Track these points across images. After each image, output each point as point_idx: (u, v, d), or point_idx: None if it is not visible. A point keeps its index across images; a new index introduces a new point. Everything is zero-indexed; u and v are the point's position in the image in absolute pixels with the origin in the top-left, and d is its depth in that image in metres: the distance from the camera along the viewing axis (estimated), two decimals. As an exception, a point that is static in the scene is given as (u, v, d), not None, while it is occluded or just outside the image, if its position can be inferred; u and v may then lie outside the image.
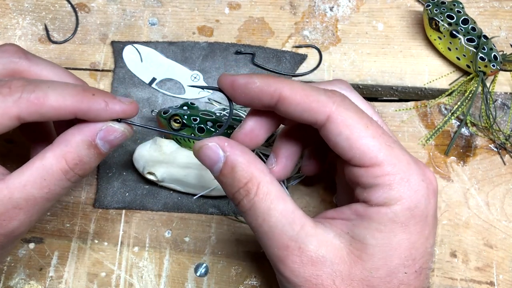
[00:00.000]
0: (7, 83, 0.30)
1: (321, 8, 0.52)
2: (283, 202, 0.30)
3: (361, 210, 0.30)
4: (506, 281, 0.42)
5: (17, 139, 0.47)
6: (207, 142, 0.31)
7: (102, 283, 0.43)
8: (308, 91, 0.31)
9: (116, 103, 0.32)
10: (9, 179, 0.30)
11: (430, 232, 0.30)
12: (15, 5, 0.53)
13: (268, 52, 0.50)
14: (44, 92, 0.30)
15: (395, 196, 0.29)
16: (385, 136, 0.30)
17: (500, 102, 0.48)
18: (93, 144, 0.31)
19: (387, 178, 0.29)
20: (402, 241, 0.29)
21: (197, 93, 0.48)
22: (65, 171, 0.31)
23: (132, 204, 0.45)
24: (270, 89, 0.31)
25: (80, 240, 0.44)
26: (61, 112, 0.30)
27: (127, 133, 0.33)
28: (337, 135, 0.30)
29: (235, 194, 0.31)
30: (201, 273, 0.43)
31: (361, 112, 0.31)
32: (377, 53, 0.50)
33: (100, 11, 0.52)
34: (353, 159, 0.30)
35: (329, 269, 0.29)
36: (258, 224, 0.30)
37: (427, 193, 0.30)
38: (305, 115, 0.31)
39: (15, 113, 0.30)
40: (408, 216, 0.29)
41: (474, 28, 0.47)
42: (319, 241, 0.29)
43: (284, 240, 0.29)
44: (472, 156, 0.46)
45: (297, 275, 0.29)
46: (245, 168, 0.30)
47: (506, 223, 0.44)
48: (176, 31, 0.51)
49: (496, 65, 0.45)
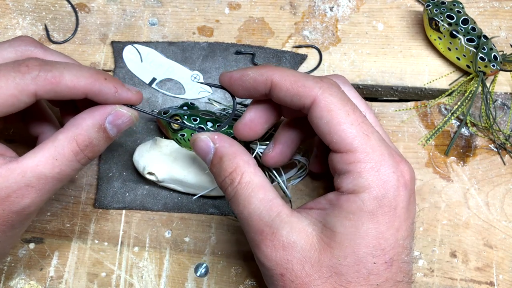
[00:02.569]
0: (24, 61, 0.32)
1: (321, 8, 0.52)
2: (264, 191, 0.32)
3: (334, 198, 0.32)
4: (506, 281, 0.42)
5: (17, 139, 0.47)
6: (200, 135, 0.34)
7: (102, 283, 0.43)
8: (297, 77, 0.33)
9: (124, 90, 0.34)
10: (23, 159, 0.32)
11: (401, 224, 0.31)
12: (15, 5, 0.53)
13: (268, 52, 0.50)
14: (60, 71, 0.32)
15: (363, 184, 0.30)
16: (364, 125, 0.31)
17: (500, 102, 0.48)
18: (103, 127, 0.34)
19: (358, 166, 0.30)
20: (369, 230, 0.30)
21: (197, 93, 0.48)
22: (75, 152, 0.33)
23: (132, 204, 0.45)
24: (262, 78, 0.33)
25: (80, 240, 0.44)
26: (74, 92, 0.33)
27: (133, 118, 0.35)
28: (319, 119, 0.31)
29: (222, 182, 0.33)
30: (201, 273, 0.43)
31: (346, 100, 0.32)
32: (377, 53, 0.50)
33: (100, 11, 0.52)
34: (331, 143, 0.31)
35: (299, 255, 0.30)
36: (240, 210, 0.32)
37: (397, 185, 0.30)
38: (294, 100, 0.32)
39: (33, 90, 0.32)
40: (375, 206, 0.30)
41: (474, 28, 0.47)
42: (292, 227, 0.31)
43: (260, 225, 0.31)
44: (472, 156, 0.46)
45: (270, 259, 0.31)
46: (231, 159, 0.33)
47: (506, 223, 0.44)
48: (176, 31, 0.51)
49: (496, 65, 0.45)
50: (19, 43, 0.36)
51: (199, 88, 0.48)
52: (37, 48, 0.37)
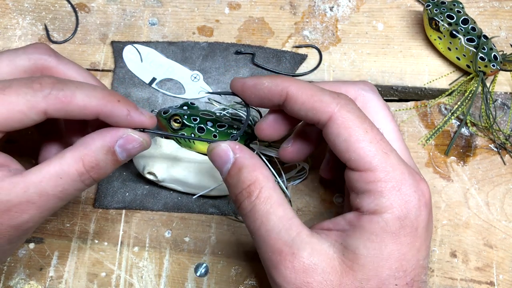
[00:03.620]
0: (38, 79, 0.32)
1: (321, 8, 0.52)
2: (283, 208, 0.31)
3: (354, 219, 0.31)
4: (506, 281, 0.42)
5: (17, 139, 0.47)
6: (220, 143, 0.33)
7: (102, 283, 0.43)
8: (314, 91, 0.32)
9: (137, 113, 0.33)
10: (27, 174, 0.31)
11: (422, 244, 0.30)
12: (15, 5, 0.53)
13: (268, 52, 0.50)
14: (72, 91, 0.31)
15: (385, 204, 0.29)
16: (383, 143, 0.31)
17: (500, 102, 0.48)
18: (112, 150, 0.32)
19: (379, 185, 0.30)
20: (392, 252, 0.29)
21: (197, 93, 0.48)
22: (80, 173, 0.32)
23: (132, 204, 0.45)
24: (277, 89, 0.32)
25: (80, 240, 0.44)
26: (85, 112, 0.32)
27: (145, 144, 0.34)
28: (336, 136, 0.31)
29: (238, 195, 0.32)
30: (201, 273, 0.43)
31: (363, 117, 0.31)
32: (377, 53, 0.50)
33: (100, 11, 0.52)
34: (349, 161, 0.31)
35: (320, 277, 0.29)
36: (256, 226, 0.31)
37: (418, 205, 0.30)
38: (309, 114, 0.32)
39: (43, 108, 0.31)
40: (398, 226, 0.29)
41: (474, 28, 0.47)
42: (312, 249, 0.30)
43: (279, 245, 0.30)
44: (472, 156, 0.46)
45: (288, 282, 0.29)
46: (250, 171, 0.31)
47: (506, 223, 0.44)
48: (176, 31, 0.51)
49: (496, 65, 0.45)
50: (33, 51, 0.36)
51: (199, 88, 0.48)
52: (51, 57, 0.36)
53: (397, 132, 0.35)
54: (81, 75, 0.37)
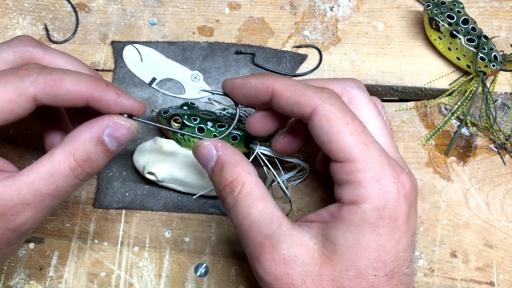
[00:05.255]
0: (23, 66, 0.32)
1: (321, 8, 0.52)
2: (264, 202, 0.31)
3: (335, 210, 0.31)
4: (506, 281, 0.42)
5: (17, 139, 0.47)
6: (204, 141, 0.34)
7: (102, 283, 0.43)
8: (298, 86, 0.32)
9: (126, 98, 0.33)
10: (19, 176, 0.30)
11: (402, 236, 0.30)
12: (15, 5, 0.53)
13: (268, 52, 0.50)
14: (60, 75, 0.31)
15: (364, 194, 0.30)
16: (364, 135, 0.31)
17: (500, 102, 0.48)
18: (101, 140, 0.32)
19: (358, 175, 0.30)
20: (370, 242, 0.29)
21: (197, 93, 0.48)
22: (73, 168, 0.31)
23: (132, 204, 0.45)
24: (263, 87, 0.33)
25: (80, 240, 0.44)
26: (75, 96, 0.32)
27: (133, 130, 0.34)
28: (318, 128, 0.31)
29: (222, 191, 0.33)
30: (201, 273, 0.43)
31: (345, 110, 0.32)
32: (377, 53, 0.50)
33: (100, 11, 0.52)
34: (331, 153, 0.31)
35: (300, 269, 0.30)
36: (239, 221, 0.32)
37: (397, 196, 0.30)
38: (294, 109, 0.32)
39: (32, 94, 0.31)
40: (376, 217, 0.30)
41: (474, 28, 0.47)
42: (293, 241, 0.30)
43: (260, 238, 0.31)
44: (472, 156, 0.46)
45: (269, 273, 0.30)
46: (233, 168, 0.32)
47: (506, 223, 0.44)
48: (176, 31, 0.51)
49: (496, 65, 0.45)
50: (17, 43, 0.35)
51: (199, 88, 0.48)
52: (36, 48, 0.36)
53: (383, 127, 0.35)
54: (71, 63, 0.37)
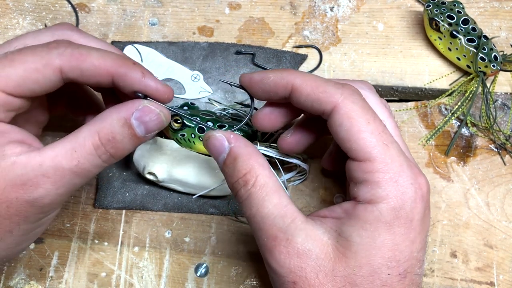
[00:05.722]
0: (56, 40, 0.32)
1: (321, 8, 0.52)
2: (278, 195, 0.31)
3: (350, 208, 0.31)
4: (506, 281, 0.42)
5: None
6: (215, 133, 0.33)
7: (102, 283, 0.43)
8: (319, 82, 0.32)
9: (152, 79, 0.33)
10: (44, 149, 0.31)
11: (416, 236, 0.30)
12: (15, 5, 0.53)
13: (268, 52, 0.50)
14: (87, 51, 0.32)
15: (381, 194, 0.30)
16: (384, 135, 0.31)
17: (500, 102, 0.48)
18: (128, 123, 0.32)
19: (376, 175, 0.30)
20: (385, 241, 0.30)
21: (197, 93, 0.48)
22: (96, 146, 0.31)
23: (132, 204, 0.45)
24: (283, 82, 0.33)
25: (80, 240, 0.44)
26: (100, 72, 0.32)
27: (162, 118, 0.33)
28: (338, 126, 0.31)
29: (235, 183, 0.32)
30: (201, 273, 0.43)
31: (367, 108, 0.32)
32: (377, 53, 0.50)
33: (100, 11, 0.52)
34: (350, 151, 0.31)
35: (313, 263, 0.30)
36: (252, 214, 0.31)
37: (414, 197, 0.30)
38: (315, 105, 0.32)
39: (58, 65, 0.31)
40: (392, 216, 0.30)
41: (474, 28, 0.47)
42: (307, 235, 0.30)
43: (274, 231, 0.30)
44: (472, 156, 0.46)
45: (282, 266, 0.30)
46: (246, 160, 0.32)
47: (506, 223, 0.44)
48: (176, 31, 0.51)
49: (496, 65, 0.45)
50: (57, 27, 0.36)
51: (199, 88, 0.48)
52: (73, 31, 0.36)
53: (395, 129, 0.35)
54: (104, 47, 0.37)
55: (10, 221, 0.31)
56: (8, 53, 0.31)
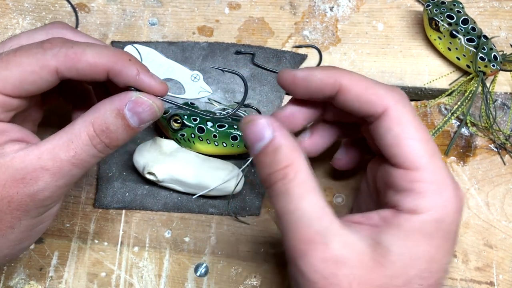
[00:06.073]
0: (49, 39, 0.32)
1: (321, 8, 0.52)
2: (316, 195, 0.30)
3: (390, 216, 0.30)
4: (506, 281, 0.42)
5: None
6: (258, 118, 0.31)
7: (102, 283, 0.43)
8: (368, 83, 0.32)
9: (147, 75, 0.33)
10: (41, 143, 0.31)
11: (450, 248, 0.30)
12: (15, 5, 0.53)
13: (268, 52, 0.50)
14: (82, 48, 0.32)
15: (425, 205, 0.29)
16: (431, 144, 0.31)
17: (500, 102, 0.48)
18: (121, 114, 0.32)
19: (422, 186, 0.29)
20: (424, 253, 0.29)
21: (197, 93, 0.48)
22: (91, 136, 0.32)
23: (132, 204, 0.45)
24: (330, 80, 0.32)
25: (80, 240, 0.44)
26: (96, 70, 0.32)
27: (155, 109, 0.33)
28: (387, 130, 0.31)
29: (272, 175, 0.30)
30: (201, 273, 0.43)
31: (415, 115, 0.31)
32: (377, 53, 0.50)
33: (100, 11, 0.52)
34: (395, 157, 0.30)
35: (348, 271, 0.28)
36: (288, 210, 0.29)
37: (455, 210, 0.30)
38: (363, 107, 0.31)
39: (54, 66, 0.31)
40: (434, 228, 0.29)
41: (474, 28, 0.47)
42: (344, 241, 0.29)
43: (310, 233, 0.29)
44: (472, 156, 0.46)
45: (316, 271, 0.29)
46: (288, 152, 0.30)
47: (506, 223, 0.44)
48: (176, 31, 0.51)
49: (496, 65, 0.45)
50: (51, 26, 0.36)
51: (199, 88, 0.48)
52: (67, 30, 0.36)
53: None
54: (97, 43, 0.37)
55: (11, 216, 0.31)
56: (3, 55, 0.31)
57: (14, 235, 0.33)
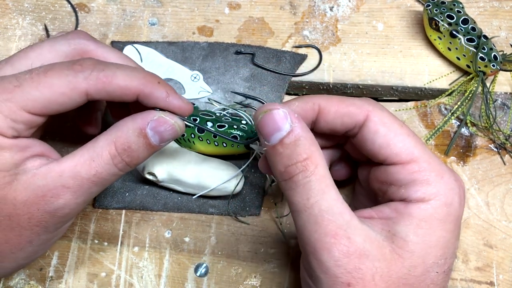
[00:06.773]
0: (79, 61, 0.32)
1: (321, 8, 0.52)
2: (335, 190, 0.30)
3: (401, 207, 0.31)
4: (506, 281, 0.42)
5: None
6: (278, 107, 0.30)
7: (102, 283, 0.43)
8: (342, 99, 0.33)
9: (176, 97, 0.33)
10: (63, 160, 0.31)
11: (459, 233, 0.31)
12: (15, 5, 0.53)
13: (268, 52, 0.50)
14: (113, 71, 0.32)
15: (432, 191, 0.30)
16: (417, 137, 0.32)
17: (500, 102, 0.48)
18: (143, 133, 0.32)
19: (423, 174, 0.30)
20: (440, 239, 0.30)
21: (197, 93, 0.48)
22: (113, 155, 0.32)
23: (132, 204, 0.45)
24: (308, 105, 0.33)
25: (80, 240, 0.44)
26: (126, 92, 0.32)
27: (177, 128, 0.33)
28: (374, 133, 0.32)
29: (290, 167, 0.30)
30: (201, 273, 0.43)
31: (393, 115, 0.33)
32: (377, 53, 0.50)
33: (100, 11, 0.52)
34: (390, 156, 0.31)
35: (371, 264, 0.29)
36: (309, 204, 0.29)
37: (460, 193, 0.31)
38: (345, 121, 0.32)
39: (84, 89, 0.31)
40: (445, 213, 0.30)
41: (474, 28, 0.47)
42: (365, 235, 0.29)
43: (333, 227, 0.29)
44: (472, 156, 0.46)
45: (339, 265, 0.29)
46: (307, 145, 0.30)
47: (506, 223, 0.44)
48: (176, 31, 0.51)
49: (496, 65, 0.45)
50: (73, 36, 0.36)
51: (199, 88, 0.48)
52: (89, 41, 0.36)
53: None
54: (120, 58, 0.37)
55: (31, 232, 0.32)
56: (34, 73, 0.31)
57: (32, 248, 0.33)
